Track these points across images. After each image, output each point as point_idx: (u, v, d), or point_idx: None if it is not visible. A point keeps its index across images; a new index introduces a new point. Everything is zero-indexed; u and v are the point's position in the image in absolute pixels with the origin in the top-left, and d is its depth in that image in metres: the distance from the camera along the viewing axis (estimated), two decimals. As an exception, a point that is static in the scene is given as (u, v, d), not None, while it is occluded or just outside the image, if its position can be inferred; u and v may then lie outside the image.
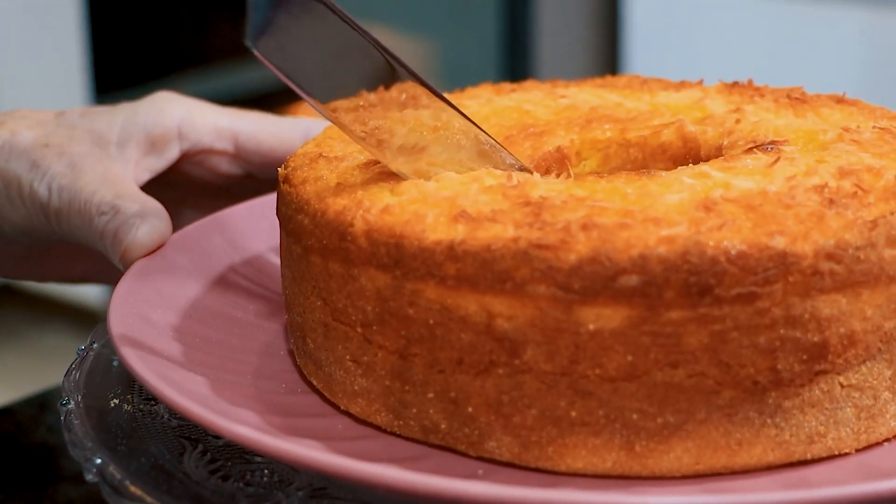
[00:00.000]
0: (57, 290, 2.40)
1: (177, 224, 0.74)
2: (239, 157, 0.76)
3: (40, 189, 0.70)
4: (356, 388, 0.58)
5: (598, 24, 2.27)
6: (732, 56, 2.04)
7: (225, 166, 0.77)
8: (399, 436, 0.57)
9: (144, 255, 0.67)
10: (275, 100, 2.59)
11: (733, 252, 0.52)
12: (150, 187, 0.74)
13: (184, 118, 0.75)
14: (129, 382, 0.63)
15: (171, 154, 0.75)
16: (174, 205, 0.77)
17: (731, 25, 2.04)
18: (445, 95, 0.61)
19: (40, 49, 2.19)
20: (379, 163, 0.60)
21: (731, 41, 2.05)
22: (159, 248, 0.68)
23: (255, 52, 0.55)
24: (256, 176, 0.78)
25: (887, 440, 0.57)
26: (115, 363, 0.65)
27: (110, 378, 0.64)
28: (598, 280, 0.52)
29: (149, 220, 0.68)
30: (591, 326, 0.52)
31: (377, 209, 0.56)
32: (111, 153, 0.73)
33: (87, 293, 2.32)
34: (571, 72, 2.22)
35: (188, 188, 0.79)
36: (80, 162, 0.71)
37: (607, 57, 2.27)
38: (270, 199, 0.70)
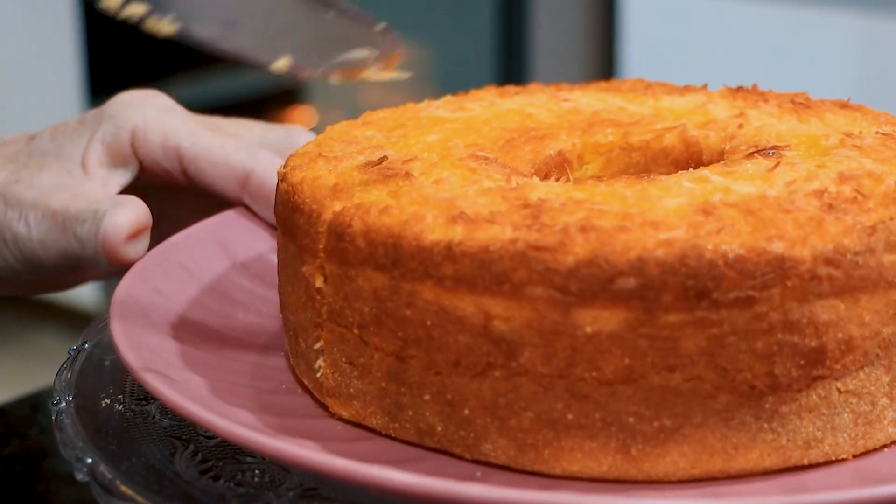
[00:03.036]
0: (51, 291, 2.39)
1: (169, 221, 0.74)
2: (186, 177, 0.75)
3: (20, 228, 0.71)
4: (351, 390, 0.58)
5: (594, 28, 2.27)
6: (729, 62, 2.04)
7: (182, 179, 0.75)
8: (395, 438, 0.57)
9: (123, 239, 0.67)
10: (270, 103, 2.59)
11: (731, 256, 0.51)
12: (132, 192, 0.74)
13: (137, 129, 0.74)
14: (121, 382, 0.63)
15: (133, 166, 0.74)
16: (160, 203, 0.76)
17: (728, 31, 2.04)
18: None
19: (35, 51, 2.19)
20: (378, 164, 0.60)
21: (728, 47, 2.04)
22: (139, 231, 0.68)
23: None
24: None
25: (885, 446, 0.56)
26: (106, 363, 0.65)
27: (102, 378, 0.63)
28: (595, 282, 0.51)
29: (122, 206, 0.68)
30: (589, 329, 0.52)
31: (376, 210, 0.56)
32: (78, 176, 0.72)
33: (82, 294, 2.32)
34: (568, 77, 2.22)
35: (168, 190, 0.78)
36: (48, 190, 0.71)
37: (604, 62, 2.27)
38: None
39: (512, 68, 2.25)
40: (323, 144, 0.64)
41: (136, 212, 0.68)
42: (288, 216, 0.60)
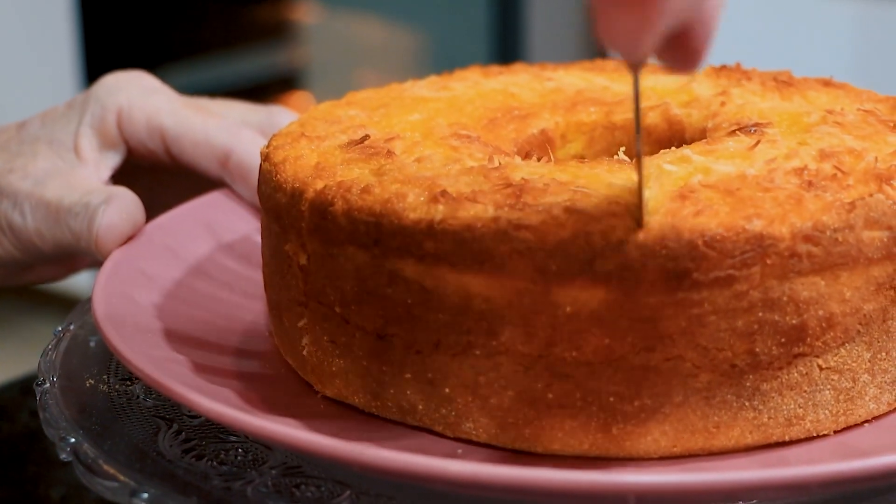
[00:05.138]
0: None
1: (159, 208, 0.74)
2: (170, 157, 0.75)
3: (16, 217, 0.71)
4: (333, 368, 0.58)
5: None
6: (722, 42, 2.04)
7: (166, 160, 0.75)
8: (377, 417, 0.57)
9: (118, 238, 0.68)
10: (268, 90, 2.59)
11: (710, 236, 0.51)
12: (122, 178, 0.74)
13: (122, 111, 0.74)
14: (106, 363, 0.63)
15: (122, 148, 0.75)
16: (150, 189, 0.76)
17: (725, 13, 2.04)
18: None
19: (32, 39, 2.18)
20: (360, 143, 0.60)
21: (721, 27, 2.05)
22: (134, 230, 0.68)
23: None
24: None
25: (867, 422, 0.56)
26: (91, 344, 0.65)
27: (87, 359, 0.64)
28: (575, 262, 0.51)
29: (114, 203, 0.68)
30: (569, 308, 0.52)
31: (357, 188, 0.56)
32: (71, 161, 0.73)
33: (75, 280, 2.32)
34: (562, 59, 2.22)
35: (158, 172, 0.78)
36: (43, 178, 0.71)
37: (599, 46, 2.27)
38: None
39: (507, 52, 2.25)
40: (306, 124, 0.64)
41: (128, 209, 0.68)
42: (271, 195, 0.60)
